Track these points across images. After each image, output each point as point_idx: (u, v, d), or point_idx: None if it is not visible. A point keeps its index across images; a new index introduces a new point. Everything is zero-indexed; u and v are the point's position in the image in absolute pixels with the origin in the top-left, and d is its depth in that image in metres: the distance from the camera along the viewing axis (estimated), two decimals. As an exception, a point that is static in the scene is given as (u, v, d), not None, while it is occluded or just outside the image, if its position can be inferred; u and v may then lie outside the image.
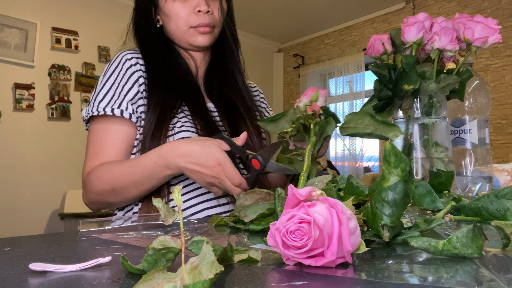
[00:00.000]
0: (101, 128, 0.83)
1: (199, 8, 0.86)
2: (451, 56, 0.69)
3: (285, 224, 0.29)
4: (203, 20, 0.87)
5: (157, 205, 0.27)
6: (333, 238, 0.28)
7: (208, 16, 0.87)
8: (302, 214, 0.28)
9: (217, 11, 0.89)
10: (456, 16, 0.71)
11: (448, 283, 0.24)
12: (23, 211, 3.31)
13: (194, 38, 0.88)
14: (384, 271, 0.27)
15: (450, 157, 0.68)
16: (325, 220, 0.28)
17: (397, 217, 0.33)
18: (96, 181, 0.77)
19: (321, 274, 0.28)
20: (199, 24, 0.87)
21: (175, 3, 0.87)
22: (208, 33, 0.88)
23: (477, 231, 0.29)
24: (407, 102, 0.70)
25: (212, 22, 0.88)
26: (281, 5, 4.40)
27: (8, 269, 0.29)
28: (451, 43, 0.67)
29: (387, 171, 0.33)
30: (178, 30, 0.89)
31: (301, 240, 0.28)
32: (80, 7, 3.74)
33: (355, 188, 0.40)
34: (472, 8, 3.83)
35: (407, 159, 0.32)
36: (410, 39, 0.69)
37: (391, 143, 0.33)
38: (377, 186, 0.34)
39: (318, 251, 0.28)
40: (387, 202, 0.32)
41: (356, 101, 4.83)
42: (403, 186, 0.32)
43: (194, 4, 0.87)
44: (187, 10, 0.87)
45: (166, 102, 0.83)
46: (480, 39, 0.68)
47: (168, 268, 0.26)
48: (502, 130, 3.60)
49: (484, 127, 0.86)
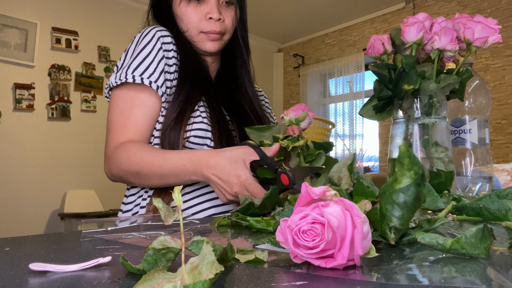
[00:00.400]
0: (128, 96, 0.82)
1: (210, 15, 0.87)
2: (451, 56, 0.69)
3: (297, 222, 0.29)
4: (214, 27, 0.88)
5: (157, 205, 0.27)
6: (345, 241, 0.28)
7: (219, 23, 0.89)
8: (316, 215, 0.28)
9: (228, 18, 0.91)
10: (456, 16, 0.71)
11: (456, 282, 0.24)
12: (23, 211, 3.31)
13: (203, 43, 0.90)
14: (391, 272, 0.27)
15: (450, 157, 0.68)
16: (339, 222, 0.28)
17: (407, 220, 0.32)
18: (124, 159, 0.77)
19: (324, 275, 0.28)
20: (209, 30, 0.88)
21: (188, 7, 0.88)
22: (217, 40, 0.90)
23: (487, 232, 0.29)
24: (407, 102, 0.70)
25: (223, 29, 0.90)
26: (281, 5, 4.40)
27: (8, 269, 0.29)
28: (451, 43, 0.66)
29: (400, 173, 0.32)
30: (188, 33, 0.90)
31: (313, 241, 0.27)
32: (80, 7, 3.74)
33: (365, 189, 0.40)
34: (472, 8, 3.83)
35: (420, 162, 0.32)
36: (410, 39, 0.69)
37: (406, 144, 0.32)
38: (388, 187, 0.33)
39: (329, 253, 0.28)
40: (397, 204, 0.32)
41: (356, 101, 4.83)
42: (415, 189, 0.32)
43: (206, 10, 0.88)
44: (199, 16, 0.88)
45: (191, 95, 0.84)
46: (480, 39, 0.68)
47: (168, 268, 0.26)
48: (502, 130, 3.60)
49: (484, 127, 0.85)
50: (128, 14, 3.97)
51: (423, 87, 0.67)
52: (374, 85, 0.75)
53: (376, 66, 0.71)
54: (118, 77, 0.81)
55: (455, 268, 0.28)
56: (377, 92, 0.73)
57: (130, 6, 4.03)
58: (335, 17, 4.73)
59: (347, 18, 4.75)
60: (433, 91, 0.67)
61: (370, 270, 0.28)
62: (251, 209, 0.56)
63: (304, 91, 5.25)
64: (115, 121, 0.82)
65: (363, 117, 0.76)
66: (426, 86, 0.67)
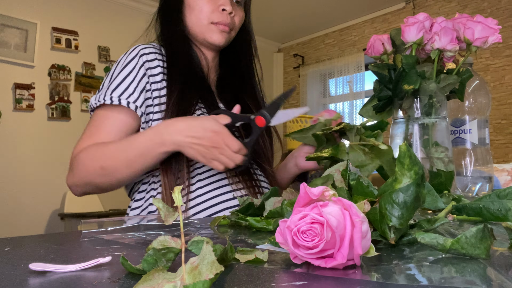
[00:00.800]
0: (104, 114, 0.82)
1: (224, 6, 0.88)
2: (451, 56, 0.69)
3: (296, 223, 0.29)
4: (225, 19, 0.89)
5: (157, 205, 0.27)
6: (344, 241, 0.28)
7: (230, 17, 0.90)
8: (315, 215, 0.28)
9: (238, 16, 0.92)
10: (456, 16, 0.71)
11: (456, 282, 0.24)
12: (23, 211, 3.31)
13: (211, 34, 0.90)
14: (391, 272, 0.27)
15: (450, 157, 0.68)
16: (338, 222, 0.28)
17: (406, 219, 0.32)
18: (86, 159, 0.76)
19: (323, 275, 0.28)
20: (220, 21, 0.89)
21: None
22: (226, 32, 0.90)
23: (487, 232, 0.29)
24: (407, 102, 0.70)
25: (232, 24, 0.91)
26: (281, 5, 4.40)
27: (8, 269, 0.29)
28: (451, 43, 0.67)
29: (400, 173, 0.32)
30: (198, 23, 0.90)
31: (313, 241, 0.27)
32: (80, 7, 3.74)
33: (364, 188, 0.40)
34: (472, 8, 3.83)
35: (421, 163, 0.32)
36: (410, 39, 0.69)
37: (406, 144, 0.32)
38: (388, 187, 0.33)
39: (328, 253, 0.28)
40: (397, 204, 0.32)
41: (356, 101, 4.83)
42: (415, 189, 0.32)
43: (220, 2, 0.88)
44: (212, 7, 0.89)
45: (185, 99, 0.84)
46: (480, 39, 0.68)
47: (168, 268, 0.26)
48: (502, 130, 3.60)
49: (484, 127, 0.85)
50: (128, 14, 3.97)
51: (423, 87, 0.67)
52: (374, 85, 0.75)
53: (376, 66, 0.72)
54: (98, 99, 0.81)
55: (455, 268, 0.28)
56: (377, 92, 0.73)
57: (130, 6, 4.03)
58: (335, 17, 4.73)
59: (347, 18, 4.75)
60: (433, 91, 0.67)
61: (370, 270, 0.28)
62: (251, 209, 0.56)
63: (304, 91, 5.24)
64: (83, 133, 0.82)
65: (363, 117, 0.76)
66: (426, 86, 0.67)
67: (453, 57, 0.70)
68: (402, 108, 0.71)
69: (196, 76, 0.89)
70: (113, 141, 0.77)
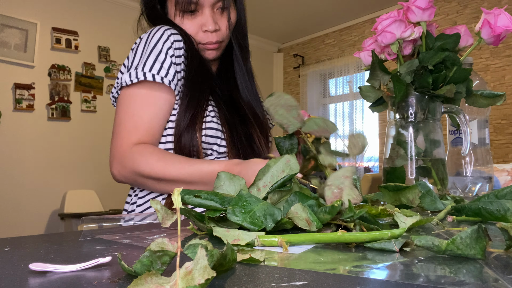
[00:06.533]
0: (143, 95, 0.81)
1: (206, 28, 0.87)
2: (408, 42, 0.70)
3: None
4: (210, 38, 0.88)
5: (155, 207, 0.26)
6: None
7: (215, 34, 0.88)
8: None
9: (224, 26, 0.90)
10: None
11: (455, 282, 0.24)
12: (23, 211, 3.31)
13: (202, 52, 0.90)
14: (387, 270, 0.28)
15: (437, 156, 0.68)
16: None
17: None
18: (143, 163, 0.75)
19: (323, 273, 0.28)
20: (207, 42, 0.88)
21: (184, 20, 0.88)
22: (216, 49, 0.90)
23: (482, 232, 0.29)
24: (401, 103, 0.70)
25: (220, 39, 0.90)
26: (281, 5, 4.40)
27: (8, 269, 0.29)
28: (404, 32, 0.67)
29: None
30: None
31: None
32: (80, 7, 3.75)
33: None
34: (472, 8, 3.83)
35: None
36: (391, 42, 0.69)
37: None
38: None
39: None
40: None
41: (356, 101, 4.83)
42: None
43: (201, 22, 0.87)
44: (195, 28, 0.88)
45: (200, 96, 0.84)
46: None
47: (163, 271, 0.26)
48: (502, 130, 3.60)
49: (484, 127, 0.86)
50: (128, 14, 3.97)
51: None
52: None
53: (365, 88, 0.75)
54: (134, 76, 0.80)
55: (452, 268, 0.28)
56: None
57: (130, 6, 4.03)
58: (335, 17, 4.73)
59: (347, 18, 4.75)
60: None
61: (365, 268, 0.28)
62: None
63: (304, 91, 5.25)
64: (126, 121, 0.80)
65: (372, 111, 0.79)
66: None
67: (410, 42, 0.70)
68: (396, 107, 0.71)
69: (209, 75, 0.90)
70: (174, 156, 0.77)
